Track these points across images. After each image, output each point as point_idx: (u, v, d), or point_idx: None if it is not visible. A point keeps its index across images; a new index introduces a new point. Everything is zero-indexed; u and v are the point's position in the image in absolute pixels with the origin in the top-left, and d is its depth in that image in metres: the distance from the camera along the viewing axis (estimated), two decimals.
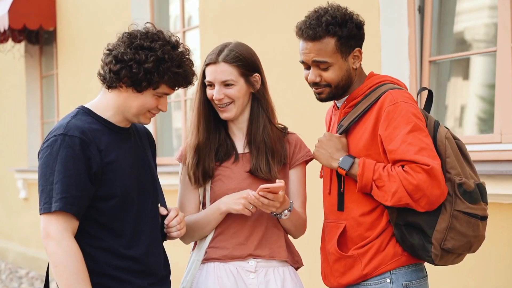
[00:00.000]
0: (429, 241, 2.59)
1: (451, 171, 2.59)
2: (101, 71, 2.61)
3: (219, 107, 2.86)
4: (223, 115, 2.87)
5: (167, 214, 2.74)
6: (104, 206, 2.55)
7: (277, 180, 2.70)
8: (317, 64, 2.71)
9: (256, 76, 2.88)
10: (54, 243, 2.46)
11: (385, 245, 2.68)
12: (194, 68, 2.65)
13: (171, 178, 6.26)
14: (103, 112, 2.63)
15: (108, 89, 2.61)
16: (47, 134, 2.58)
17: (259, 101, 2.90)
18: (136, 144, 2.72)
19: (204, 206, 2.94)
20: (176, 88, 2.62)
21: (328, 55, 2.69)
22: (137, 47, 2.53)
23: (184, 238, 2.91)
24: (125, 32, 2.58)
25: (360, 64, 2.77)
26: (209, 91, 2.86)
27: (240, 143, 2.93)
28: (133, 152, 2.67)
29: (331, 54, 2.69)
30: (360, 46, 2.75)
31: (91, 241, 2.55)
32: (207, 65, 2.85)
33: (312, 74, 2.73)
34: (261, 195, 2.67)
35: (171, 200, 3.10)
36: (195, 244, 2.96)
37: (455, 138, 2.69)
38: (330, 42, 2.68)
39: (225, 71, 2.82)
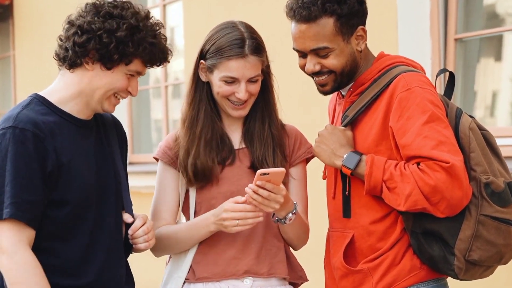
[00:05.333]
0: (451, 252, 2.59)
1: (476, 168, 2.60)
2: (59, 50, 2.63)
3: (236, 104, 2.84)
4: (237, 113, 2.85)
5: (133, 223, 2.72)
6: (56, 213, 2.56)
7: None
8: (316, 52, 2.71)
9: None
10: (7, 257, 2.48)
11: (401, 258, 2.69)
12: (168, 45, 2.66)
13: (150, 179, 6.23)
14: (61, 101, 2.64)
15: (70, 69, 2.61)
16: None
17: (265, 87, 2.91)
18: (99, 139, 2.73)
19: (185, 212, 2.94)
20: (149, 66, 2.63)
21: (327, 39, 2.68)
22: (105, 15, 2.54)
23: (156, 251, 2.89)
24: (88, 3, 2.59)
25: (366, 44, 2.77)
26: (227, 87, 2.80)
27: (236, 137, 2.92)
28: (94, 150, 2.68)
29: (330, 38, 2.68)
30: (364, 24, 2.75)
31: (37, 255, 2.52)
32: (228, 58, 2.78)
33: (310, 63, 2.73)
34: (258, 186, 2.63)
35: (149, 204, 3.11)
36: (170, 256, 2.96)
37: (481, 128, 2.69)
38: (328, 23, 2.68)
39: (254, 65, 2.80)
